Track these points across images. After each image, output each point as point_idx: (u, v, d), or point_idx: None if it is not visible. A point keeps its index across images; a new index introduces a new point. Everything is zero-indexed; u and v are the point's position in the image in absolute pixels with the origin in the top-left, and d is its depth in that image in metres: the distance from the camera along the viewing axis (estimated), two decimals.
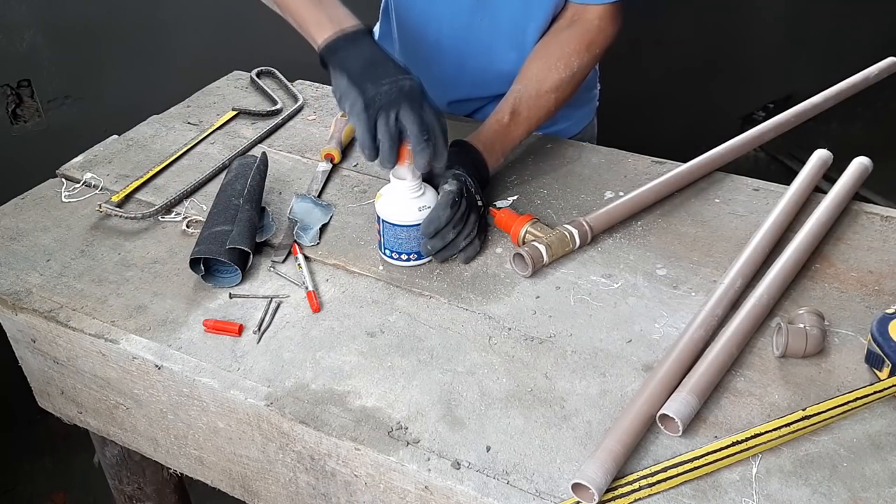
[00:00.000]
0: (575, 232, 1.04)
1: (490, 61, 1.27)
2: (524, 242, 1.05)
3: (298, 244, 1.08)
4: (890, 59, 1.31)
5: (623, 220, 1.11)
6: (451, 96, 1.35)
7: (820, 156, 1.19)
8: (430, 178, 1.05)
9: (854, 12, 3.03)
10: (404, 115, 0.96)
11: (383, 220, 1.02)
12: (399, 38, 1.35)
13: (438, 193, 1.03)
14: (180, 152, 1.27)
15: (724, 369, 0.87)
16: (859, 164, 1.17)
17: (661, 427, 0.82)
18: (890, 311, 0.88)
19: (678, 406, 0.81)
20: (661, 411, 0.81)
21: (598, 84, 1.46)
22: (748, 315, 0.92)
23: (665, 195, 1.15)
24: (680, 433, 0.81)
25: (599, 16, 1.18)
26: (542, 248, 1.02)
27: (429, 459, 0.80)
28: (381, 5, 1.39)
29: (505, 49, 1.25)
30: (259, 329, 0.95)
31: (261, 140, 1.32)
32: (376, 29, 1.41)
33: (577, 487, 0.75)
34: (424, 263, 1.05)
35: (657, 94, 2.81)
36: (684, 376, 0.85)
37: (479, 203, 1.06)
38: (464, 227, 1.02)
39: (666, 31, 2.75)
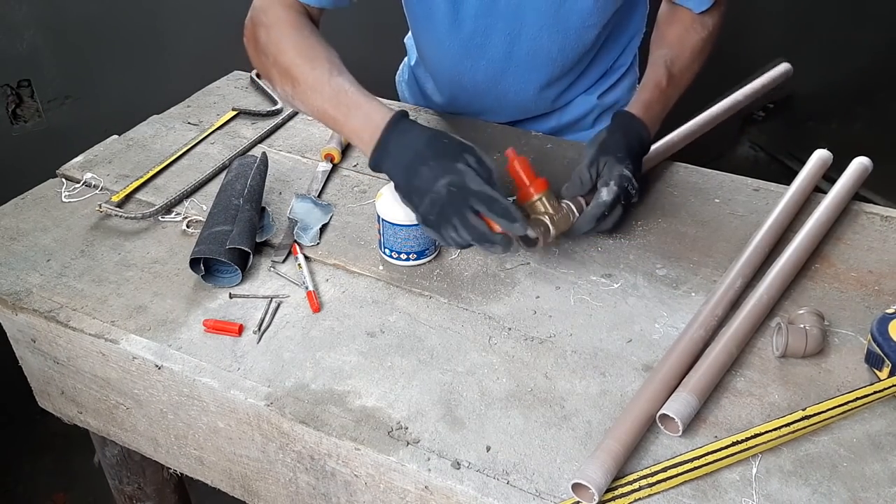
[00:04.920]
0: (574, 208, 1.03)
1: (528, 90, 1.28)
2: (530, 207, 1.02)
3: (298, 244, 1.08)
4: (784, 65, 1.30)
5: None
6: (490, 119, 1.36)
7: (820, 156, 1.19)
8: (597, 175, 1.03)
9: (854, 12, 3.03)
10: (460, 227, 0.92)
11: (383, 220, 1.02)
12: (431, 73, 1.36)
13: (598, 192, 1.01)
14: (180, 152, 1.27)
15: (724, 369, 0.87)
16: (859, 164, 1.17)
17: (661, 427, 0.82)
18: (890, 311, 0.88)
19: (678, 406, 0.81)
20: (661, 411, 0.81)
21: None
22: (748, 315, 0.92)
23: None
24: (680, 433, 0.81)
25: None
26: (552, 229, 0.99)
27: (429, 459, 0.80)
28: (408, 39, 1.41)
29: (542, 77, 1.26)
30: (259, 329, 0.95)
31: (261, 140, 1.32)
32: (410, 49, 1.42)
33: (577, 487, 0.75)
34: (424, 263, 1.05)
35: None
36: (684, 376, 0.85)
37: (635, 199, 1.03)
38: (606, 228, 1.03)
39: None
